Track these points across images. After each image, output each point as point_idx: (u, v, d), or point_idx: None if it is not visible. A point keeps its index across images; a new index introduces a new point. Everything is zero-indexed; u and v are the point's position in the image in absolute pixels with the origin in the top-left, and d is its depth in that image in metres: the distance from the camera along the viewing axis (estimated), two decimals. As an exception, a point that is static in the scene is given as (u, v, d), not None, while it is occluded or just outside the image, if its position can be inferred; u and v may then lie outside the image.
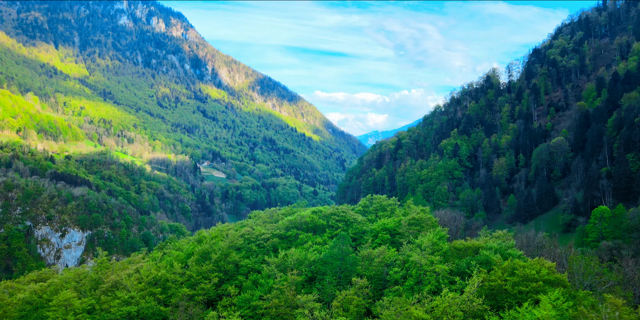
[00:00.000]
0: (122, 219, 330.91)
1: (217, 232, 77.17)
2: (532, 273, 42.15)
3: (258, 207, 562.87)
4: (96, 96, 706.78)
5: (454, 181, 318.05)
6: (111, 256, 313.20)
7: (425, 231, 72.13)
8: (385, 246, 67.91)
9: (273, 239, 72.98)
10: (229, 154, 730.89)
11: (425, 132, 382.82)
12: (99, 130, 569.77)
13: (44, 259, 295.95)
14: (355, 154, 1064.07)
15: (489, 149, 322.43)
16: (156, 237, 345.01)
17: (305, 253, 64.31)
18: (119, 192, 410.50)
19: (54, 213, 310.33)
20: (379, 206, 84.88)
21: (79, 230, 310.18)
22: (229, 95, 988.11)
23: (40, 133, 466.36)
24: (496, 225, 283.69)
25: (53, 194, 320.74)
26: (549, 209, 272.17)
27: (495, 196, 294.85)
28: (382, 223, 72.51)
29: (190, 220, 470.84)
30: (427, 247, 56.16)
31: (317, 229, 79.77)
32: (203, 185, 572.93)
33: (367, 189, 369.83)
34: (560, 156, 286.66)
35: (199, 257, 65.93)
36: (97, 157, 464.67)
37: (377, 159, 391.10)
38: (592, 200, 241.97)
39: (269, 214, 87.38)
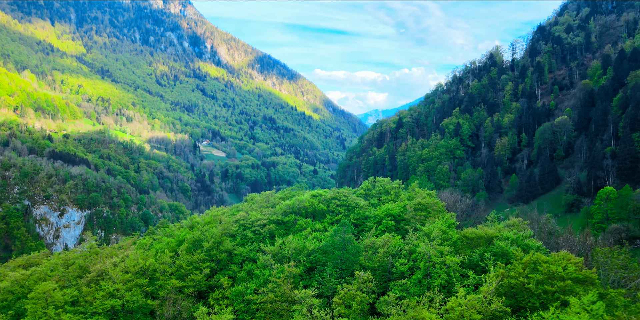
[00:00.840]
0: (121, 198, 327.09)
1: (211, 217, 72.17)
2: (558, 270, 37.15)
3: (258, 186, 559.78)
4: (94, 74, 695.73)
5: (455, 161, 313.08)
6: (110, 235, 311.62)
7: (433, 217, 67.14)
8: (390, 234, 62.98)
9: (270, 225, 68.12)
10: (229, 132, 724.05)
11: (426, 110, 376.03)
12: (97, 109, 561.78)
13: (43, 238, 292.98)
14: (355, 133, 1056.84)
15: (491, 128, 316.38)
16: (155, 216, 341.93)
17: (304, 241, 59.47)
18: (118, 171, 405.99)
19: (52, 192, 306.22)
20: (382, 189, 79.76)
21: (78, 209, 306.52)
22: (228, 74, 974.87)
23: (37, 111, 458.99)
24: (497, 206, 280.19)
25: (51, 173, 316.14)
26: (551, 189, 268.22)
27: (496, 176, 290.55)
28: (386, 208, 67.51)
29: (190, 199, 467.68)
30: (436, 237, 51.15)
31: (316, 214, 74.87)
32: (203, 164, 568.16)
33: (367, 168, 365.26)
34: (563, 135, 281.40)
35: (190, 245, 61.14)
36: (95, 136, 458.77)
37: (377, 138, 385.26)
38: (595, 181, 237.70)
39: (265, 197, 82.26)
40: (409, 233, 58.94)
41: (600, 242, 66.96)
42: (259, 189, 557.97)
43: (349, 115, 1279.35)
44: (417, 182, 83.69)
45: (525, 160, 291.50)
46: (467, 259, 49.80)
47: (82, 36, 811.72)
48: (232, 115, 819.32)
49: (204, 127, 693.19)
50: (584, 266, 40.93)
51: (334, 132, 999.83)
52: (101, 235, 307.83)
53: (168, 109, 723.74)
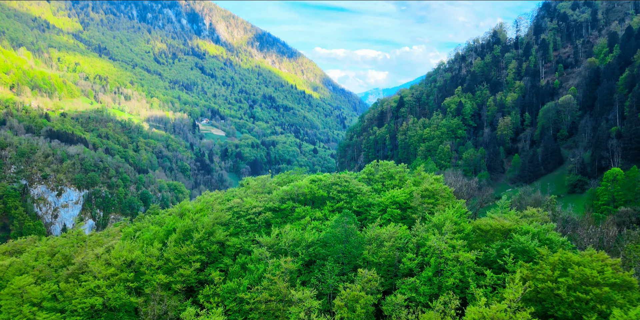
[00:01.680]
0: (120, 178, 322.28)
1: (203, 204, 66.89)
2: (593, 274, 32.10)
3: (258, 165, 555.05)
4: (91, 52, 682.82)
5: (457, 140, 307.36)
6: (109, 215, 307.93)
7: (441, 205, 61.92)
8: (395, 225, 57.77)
9: (265, 213, 62.95)
10: (228, 111, 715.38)
11: (428, 89, 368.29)
12: (95, 87, 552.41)
13: (41, 218, 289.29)
14: (355, 112, 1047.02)
15: (493, 107, 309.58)
16: (154, 195, 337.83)
17: (302, 232, 54.36)
18: (117, 151, 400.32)
19: (50, 172, 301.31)
20: (386, 174, 74.29)
21: (76, 189, 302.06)
22: (227, 52, 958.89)
23: (34, 90, 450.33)
24: (499, 186, 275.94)
25: (47, 152, 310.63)
26: (554, 169, 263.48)
27: (499, 156, 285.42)
28: (391, 195, 62.23)
29: (190, 178, 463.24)
30: (448, 231, 45.92)
31: (316, 201, 69.65)
32: (202, 143, 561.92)
33: (367, 147, 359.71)
34: (567, 115, 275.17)
35: (180, 236, 56.06)
36: (93, 115, 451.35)
37: (378, 117, 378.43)
38: (599, 161, 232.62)
39: (261, 182, 76.64)
40: (416, 223, 53.75)
41: (625, 234, 61.69)
42: (258, 168, 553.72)
43: (349, 94, 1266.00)
44: (422, 166, 78.24)
45: (528, 140, 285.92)
46: (483, 255, 44.72)
47: (78, 13, 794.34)
48: (231, 94, 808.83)
49: (203, 106, 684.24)
50: (621, 268, 35.85)
51: (334, 111, 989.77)
52: (100, 215, 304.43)
53: (167, 88, 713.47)
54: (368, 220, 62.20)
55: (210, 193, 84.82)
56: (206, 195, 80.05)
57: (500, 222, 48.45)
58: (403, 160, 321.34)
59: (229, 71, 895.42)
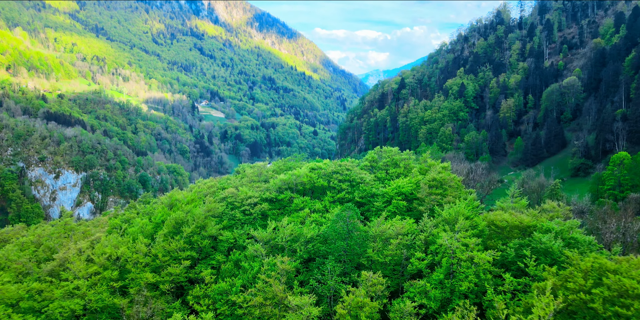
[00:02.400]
0: (118, 161, 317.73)
1: (194, 194, 62.13)
2: (633, 285, 27.58)
3: (257, 147, 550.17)
4: (88, 32, 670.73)
5: (458, 123, 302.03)
6: (107, 198, 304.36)
7: (450, 196, 57.31)
8: (401, 218, 53.30)
9: (262, 205, 58.42)
10: (228, 93, 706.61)
11: (429, 71, 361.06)
12: (93, 68, 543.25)
13: (39, 201, 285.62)
14: (356, 94, 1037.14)
15: (496, 89, 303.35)
16: (153, 178, 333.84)
17: (301, 227, 49.90)
18: (115, 132, 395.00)
19: (47, 154, 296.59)
20: (390, 161, 69.44)
21: (74, 171, 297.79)
22: (226, 32, 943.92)
23: (31, 71, 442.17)
24: (501, 169, 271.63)
25: (44, 134, 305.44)
26: (557, 152, 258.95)
27: (501, 139, 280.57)
28: (397, 186, 57.57)
29: (189, 160, 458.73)
30: (461, 228, 41.37)
31: (315, 191, 65.09)
32: (201, 125, 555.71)
33: (368, 130, 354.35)
34: (571, 97, 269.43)
35: (171, 229, 51.62)
36: (91, 96, 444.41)
37: (379, 99, 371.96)
38: (604, 144, 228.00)
39: (257, 170, 71.68)
40: (424, 217, 49.17)
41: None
42: (258, 151, 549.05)
43: (349, 76, 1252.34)
44: (429, 153, 73.40)
45: (531, 123, 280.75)
46: (500, 255, 40.28)
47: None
48: (230, 75, 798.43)
49: (202, 88, 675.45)
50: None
51: (334, 93, 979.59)
52: (98, 197, 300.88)
53: (165, 69, 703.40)
54: (372, 213, 57.72)
55: (204, 180, 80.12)
56: (199, 183, 75.36)
57: (518, 217, 43.90)
58: (404, 142, 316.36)
59: (228, 52, 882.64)
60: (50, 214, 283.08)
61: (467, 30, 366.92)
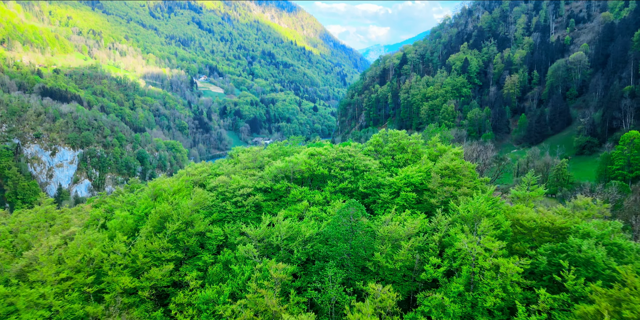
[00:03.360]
0: (115, 137, 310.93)
1: (182, 183, 55.58)
2: None
3: (257, 123, 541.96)
4: (83, 5, 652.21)
5: (461, 99, 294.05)
6: (105, 175, 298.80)
7: (465, 187, 51.09)
8: (411, 212, 47.20)
9: (256, 196, 52.36)
10: (227, 68, 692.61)
11: (432, 46, 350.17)
12: (89, 42, 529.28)
13: (35, 178, 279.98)
14: (356, 69, 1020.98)
15: (500, 64, 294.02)
16: (152, 155, 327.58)
17: (299, 223, 43.96)
18: (112, 108, 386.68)
19: (42, 131, 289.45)
20: (397, 146, 62.83)
21: (70, 148, 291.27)
22: (224, 6, 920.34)
23: (25, 45, 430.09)
24: (504, 147, 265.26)
25: (39, 110, 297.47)
26: (562, 130, 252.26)
27: (504, 116, 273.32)
28: (405, 175, 51.26)
29: (188, 137, 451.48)
30: (483, 230, 35.31)
31: (315, 179, 58.94)
32: (200, 101, 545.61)
33: (369, 106, 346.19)
34: (578, 73, 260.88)
35: (154, 224, 45.65)
36: (87, 71, 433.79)
37: (380, 75, 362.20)
38: (611, 122, 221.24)
39: (251, 155, 64.78)
40: (438, 213, 43.04)
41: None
42: (258, 127, 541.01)
43: (350, 51, 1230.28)
44: (438, 136, 66.79)
45: (535, 100, 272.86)
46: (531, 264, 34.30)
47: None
48: (229, 50, 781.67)
49: (201, 62, 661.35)
50: None
51: (334, 68, 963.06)
52: (96, 175, 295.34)
53: (163, 43, 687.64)
54: (378, 205, 51.62)
55: (195, 165, 73.73)
56: (190, 168, 68.95)
57: (548, 216, 37.80)
58: (405, 119, 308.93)
59: (226, 26, 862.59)
60: (47, 191, 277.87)
61: (471, 3, 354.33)
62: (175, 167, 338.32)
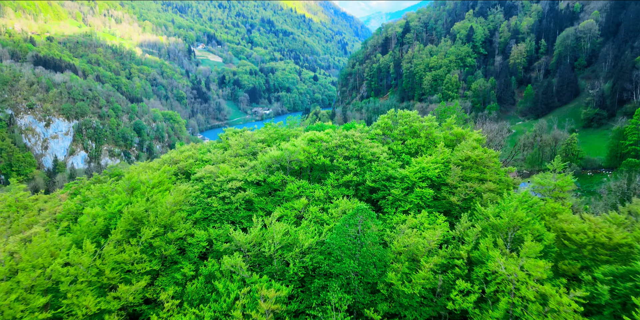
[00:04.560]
0: (111, 108, 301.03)
1: (162, 174, 47.28)
2: None
3: (256, 93, 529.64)
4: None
5: (465, 69, 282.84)
6: (101, 147, 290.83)
7: (490, 182, 43.34)
8: (428, 214, 39.58)
9: (247, 191, 44.63)
10: (225, 36, 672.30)
11: (436, 13, 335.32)
12: (83, 9, 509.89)
13: (30, 149, 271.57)
14: (357, 37, 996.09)
15: (507, 33, 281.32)
16: (149, 126, 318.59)
17: (296, 229, 36.57)
18: (108, 78, 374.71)
19: (35, 101, 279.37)
20: (408, 129, 54.29)
21: (65, 119, 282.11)
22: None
23: (17, 11, 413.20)
24: (509, 118, 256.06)
25: (32, 80, 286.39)
26: (569, 101, 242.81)
27: (510, 86, 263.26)
28: (420, 168, 43.32)
29: (186, 107, 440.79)
30: (527, 252, 27.81)
31: (315, 170, 51.17)
32: (198, 70, 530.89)
33: (370, 76, 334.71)
34: (587, 42, 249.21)
35: (125, 228, 38.18)
36: (81, 39, 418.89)
37: (382, 44, 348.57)
38: (621, 93, 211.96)
39: (243, 141, 56.31)
40: (462, 219, 35.48)
41: None
42: (257, 96, 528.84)
43: (351, 18, 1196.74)
44: (454, 117, 58.47)
45: (542, 70, 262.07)
46: (590, 293, 26.97)
47: None
48: (228, 18, 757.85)
49: (199, 30, 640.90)
50: None
51: (335, 36, 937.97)
52: (92, 146, 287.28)
53: (159, 10, 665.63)
54: (387, 202, 43.97)
55: (182, 149, 65.79)
56: (175, 153, 60.79)
57: (603, 229, 30.19)
58: (407, 90, 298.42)
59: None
60: (43, 162, 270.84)
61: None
62: (173, 138, 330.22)
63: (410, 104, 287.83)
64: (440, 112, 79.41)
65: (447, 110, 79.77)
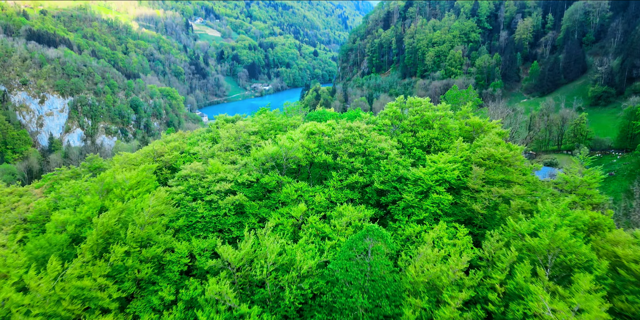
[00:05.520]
0: (106, 84, 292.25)
1: (142, 173, 40.75)
2: None
3: (255, 68, 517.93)
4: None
5: (469, 45, 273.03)
6: (98, 124, 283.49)
7: (517, 184, 37.09)
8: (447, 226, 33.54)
9: (237, 194, 38.17)
10: (223, 10, 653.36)
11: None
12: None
13: (25, 127, 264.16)
14: (358, 11, 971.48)
15: (513, 7, 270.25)
16: (146, 102, 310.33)
17: (293, 248, 30.58)
18: (104, 53, 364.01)
19: (29, 77, 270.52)
20: (419, 119, 47.52)
21: (59, 96, 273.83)
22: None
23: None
24: (513, 96, 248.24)
25: (25, 55, 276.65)
26: (576, 78, 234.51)
27: (515, 63, 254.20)
28: (436, 169, 36.96)
29: (184, 83, 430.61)
30: (580, 286, 22.01)
31: (315, 168, 44.86)
32: (196, 45, 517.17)
33: (372, 51, 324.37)
34: (596, 17, 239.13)
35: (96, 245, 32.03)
36: (76, 13, 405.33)
37: (384, 18, 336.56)
38: (630, 70, 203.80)
39: (234, 132, 49.37)
40: (491, 238, 29.47)
41: None
42: (256, 72, 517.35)
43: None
44: (470, 104, 51.75)
45: (549, 45, 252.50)
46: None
47: None
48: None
49: (196, 4, 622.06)
50: None
51: (335, 10, 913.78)
52: (88, 124, 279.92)
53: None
54: (398, 208, 37.89)
55: (168, 138, 59.21)
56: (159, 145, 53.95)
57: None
58: (409, 66, 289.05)
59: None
60: (38, 140, 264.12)
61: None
62: (171, 115, 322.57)
63: (412, 81, 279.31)
64: (452, 97, 72.20)
65: (459, 95, 72.35)
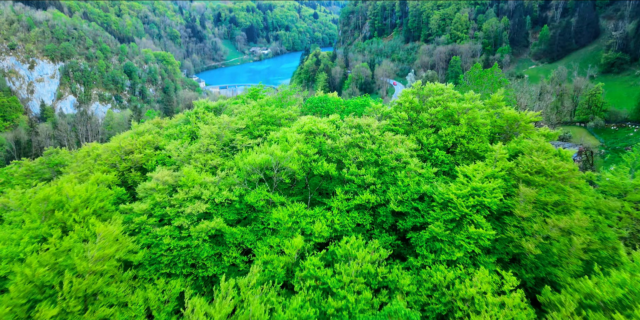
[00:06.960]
0: (98, 49, 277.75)
1: (93, 186, 30.95)
2: None
3: (254, 31, 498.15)
4: None
5: (476, 7, 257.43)
6: (91, 91, 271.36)
7: (578, 209, 27.98)
8: (489, 273, 24.69)
9: (215, 215, 28.94)
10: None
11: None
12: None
13: (15, 93, 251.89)
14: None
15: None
16: (140, 68, 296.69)
17: (287, 304, 21.87)
18: (97, 15, 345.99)
19: (17, 41, 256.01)
20: (441, 111, 37.28)
21: (50, 61, 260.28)
22: None
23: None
24: (521, 62, 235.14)
25: (12, 18, 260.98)
26: (588, 43, 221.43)
27: (524, 27, 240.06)
28: (472, 189, 27.19)
29: (181, 46, 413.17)
30: None
31: (313, 180, 35.25)
32: (192, 6, 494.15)
33: (374, 15, 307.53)
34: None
35: (20, 304, 23.08)
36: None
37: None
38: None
39: (217, 128, 38.26)
40: (563, 306, 20.60)
41: None
42: (255, 35, 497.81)
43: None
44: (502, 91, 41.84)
45: (560, 8, 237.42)
46: None
47: None
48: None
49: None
50: None
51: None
52: (81, 90, 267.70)
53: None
54: (421, 239, 28.84)
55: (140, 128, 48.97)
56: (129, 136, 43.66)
57: None
58: (413, 30, 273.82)
59: None
60: (30, 107, 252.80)
61: None
62: (166, 80, 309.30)
63: (416, 46, 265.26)
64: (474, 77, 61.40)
65: (483, 74, 60.99)
